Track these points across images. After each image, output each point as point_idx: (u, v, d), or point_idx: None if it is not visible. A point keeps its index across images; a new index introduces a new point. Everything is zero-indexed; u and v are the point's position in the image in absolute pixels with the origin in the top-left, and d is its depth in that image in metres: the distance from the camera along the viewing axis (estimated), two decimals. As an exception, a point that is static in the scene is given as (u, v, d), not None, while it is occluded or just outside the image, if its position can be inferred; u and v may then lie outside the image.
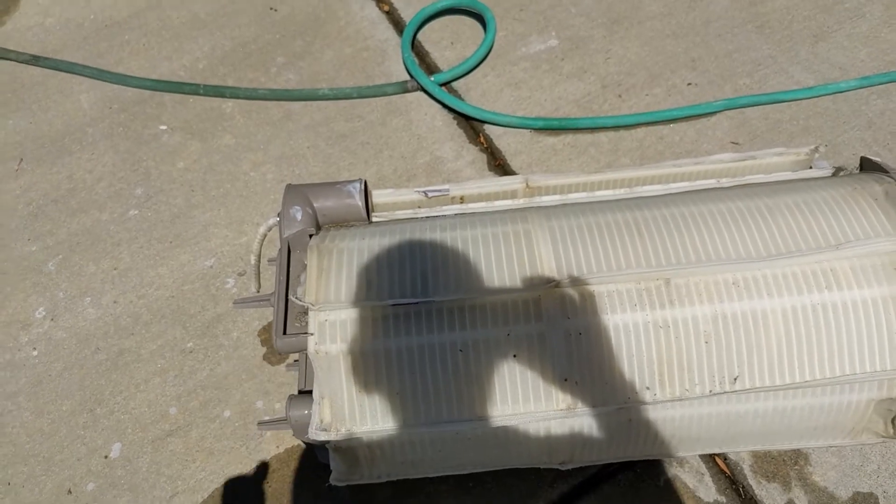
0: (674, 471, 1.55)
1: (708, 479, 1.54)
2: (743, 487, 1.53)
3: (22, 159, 2.30)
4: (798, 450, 1.55)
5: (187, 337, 1.85)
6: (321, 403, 1.20)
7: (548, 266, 1.20)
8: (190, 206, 2.12)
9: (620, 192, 1.52)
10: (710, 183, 1.51)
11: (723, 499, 1.52)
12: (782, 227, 1.21)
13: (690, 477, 1.55)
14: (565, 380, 1.17)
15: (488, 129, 2.19)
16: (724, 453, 1.56)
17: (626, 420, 1.23)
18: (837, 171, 1.48)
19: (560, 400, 1.18)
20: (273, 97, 2.36)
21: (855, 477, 1.52)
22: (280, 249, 1.36)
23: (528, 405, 1.19)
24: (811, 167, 1.52)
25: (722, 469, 1.55)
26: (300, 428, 1.23)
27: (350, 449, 1.25)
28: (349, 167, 2.15)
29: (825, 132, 2.07)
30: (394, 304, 1.19)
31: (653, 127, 2.15)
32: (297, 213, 1.38)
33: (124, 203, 2.15)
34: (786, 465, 1.54)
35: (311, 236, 1.34)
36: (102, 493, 1.63)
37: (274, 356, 1.79)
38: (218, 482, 1.62)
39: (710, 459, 1.56)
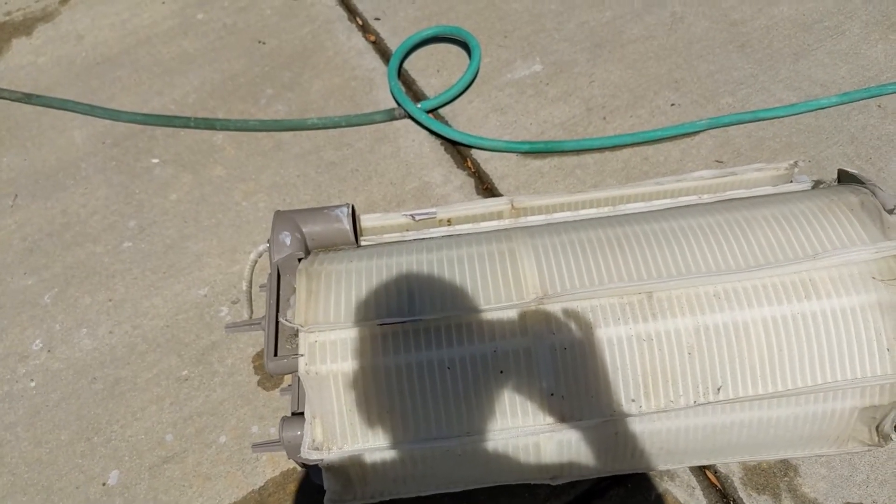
0: (665, 485, 1.57)
1: (699, 492, 1.56)
2: (734, 500, 1.54)
3: (17, 195, 2.33)
4: (787, 461, 1.57)
5: (182, 365, 1.87)
6: (313, 423, 1.21)
7: (532, 283, 1.23)
8: (183, 237, 2.15)
9: (604, 211, 1.55)
10: (692, 199, 1.54)
11: (715, 512, 1.53)
12: (761, 238, 1.23)
13: (681, 491, 1.56)
14: (552, 394, 1.19)
15: (475, 153, 2.23)
16: (713, 466, 1.57)
17: (614, 433, 1.25)
18: (817, 185, 1.52)
19: (547, 414, 1.20)
20: (263, 128, 2.39)
21: (844, 487, 1.54)
22: (270, 274, 1.38)
23: (517, 420, 1.21)
24: (791, 181, 1.56)
25: (712, 482, 1.57)
26: (293, 448, 1.25)
27: (342, 468, 1.26)
28: (339, 194, 2.18)
29: (808, 148, 2.11)
30: (381, 324, 1.21)
31: (637, 147, 2.19)
32: (287, 239, 1.41)
33: (118, 235, 2.17)
34: (776, 477, 1.56)
35: (300, 260, 1.36)
36: (99, 522, 1.64)
37: (268, 382, 1.81)
38: (214, 508, 1.63)
39: (700, 473, 1.58)
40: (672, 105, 2.27)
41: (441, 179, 2.19)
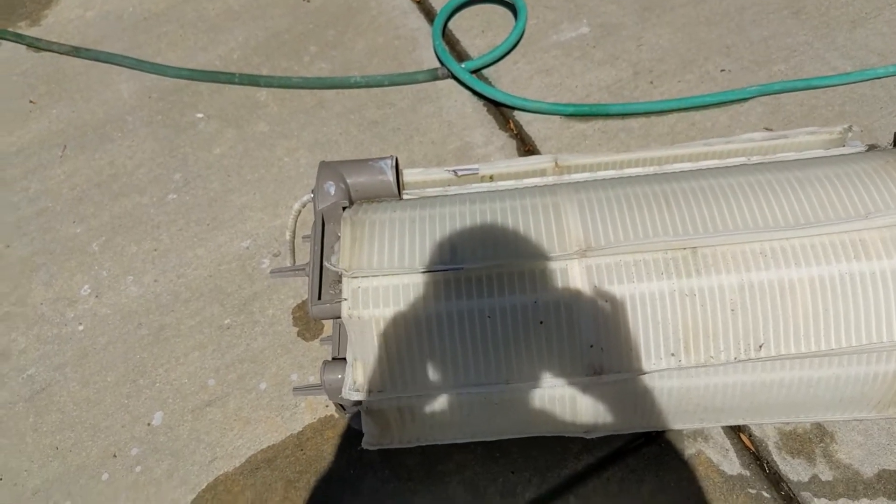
0: (698, 446, 1.57)
1: (732, 454, 1.56)
2: (767, 463, 1.54)
3: (66, 146, 2.38)
4: (824, 428, 1.56)
5: (225, 314, 1.90)
6: (354, 366, 1.24)
7: (575, 235, 1.23)
8: (226, 191, 2.18)
9: (650, 171, 1.54)
10: (741, 161, 1.52)
11: (747, 473, 1.53)
12: (812, 197, 1.22)
13: (715, 452, 1.56)
14: (591, 346, 1.20)
15: (518, 115, 2.22)
16: (748, 430, 1.57)
17: (651, 387, 1.25)
18: (871, 149, 1.49)
19: (585, 366, 1.20)
20: (306, 85, 2.41)
21: (881, 455, 1.52)
22: (315, 222, 1.40)
23: (554, 370, 1.21)
24: (844, 146, 1.53)
25: (746, 445, 1.57)
26: (334, 391, 1.27)
27: (381, 412, 1.29)
28: (380, 153, 2.19)
29: (861, 117, 2.07)
30: (424, 272, 1.23)
31: (685, 113, 2.16)
32: (331, 188, 1.43)
33: (163, 187, 2.21)
34: (811, 443, 1.55)
35: (344, 209, 1.38)
36: (146, 457, 1.69)
37: (308, 332, 1.84)
38: (254, 449, 1.67)
39: (734, 435, 1.58)
40: (722, 71, 2.24)
41: (482, 140, 2.18)
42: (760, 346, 1.18)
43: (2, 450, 1.75)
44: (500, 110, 2.26)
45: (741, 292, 1.18)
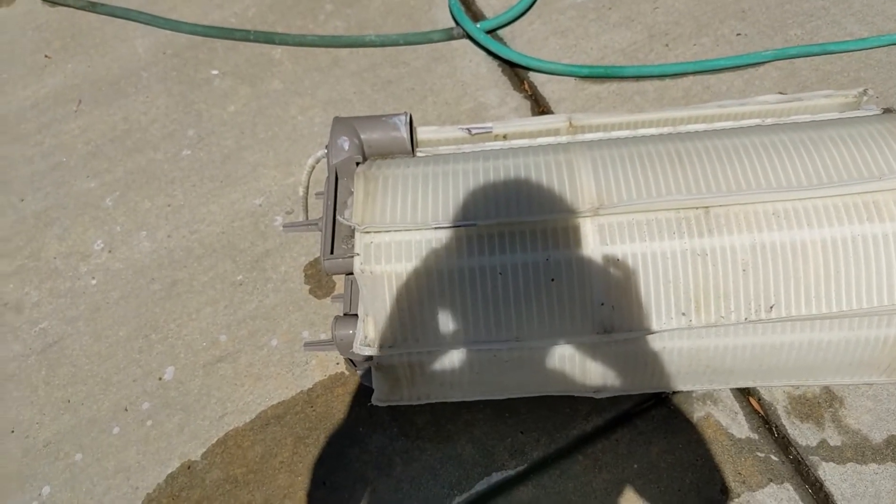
0: (707, 409, 1.58)
1: (741, 417, 1.57)
2: (776, 427, 1.55)
3: (80, 101, 2.38)
4: (833, 392, 1.56)
5: (237, 270, 1.92)
6: (365, 321, 1.25)
7: (588, 193, 1.23)
8: (240, 148, 2.18)
9: (664, 131, 1.53)
10: (755, 122, 1.51)
11: (756, 436, 1.54)
12: (825, 157, 1.21)
13: (724, 415, 1.57)
14: (601, 304, 1.20)
15: (533, 76, 2.21)
16: (757, 393, 1.58)
17: (661, 347, 1.26)
18: (886, 112, 1.47)
19: (595, 323, 1.21)
20: (321, 44, 2.39)
21: (890, 421, 1.53)
22: (328, 177, 1.40)
23: (565, 328, 1.22)
24: (859, 110, 1.51)
25: (755, 409, 1.57)
26: (345, 346, 1.28)
27: (391, 368, 1.30)
28: (394, 112, 2.18)
29: (877, 83, 2.04)
30: (436, 228, 1.23)
31: (700, 76, 2.14)
32: (345, 144, 1.43)
33: (177, 144, 2.22)
34: (820, 408, 1.56)
35: (357, 164, 1.38)
36: (157, 411, 1.71)
37: (320, 290, 1.85)
38: (265, 405, 1.69)
39: (743, 399, 1.58)
40: (738, 35, 2.21)
41: (497, 101, 2.17)
42: (771, 307, 1.18)
43: (14, 402, 1.78)
44: (515, 71, 2.24)
45: (753, 252, 1.18)
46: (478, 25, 2.27)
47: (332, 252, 1.29)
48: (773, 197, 1.18)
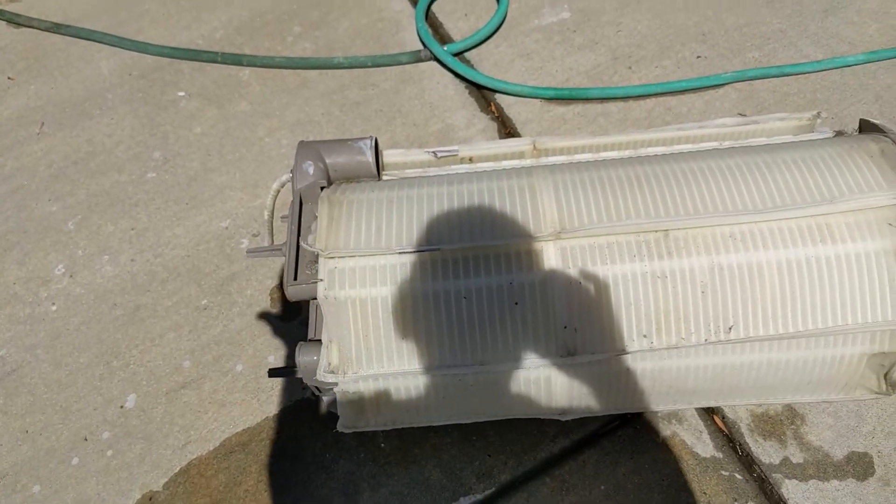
0: (673, 428, 1.59)
1: (706, 436, 1.58)
2: (740, 445, 1.56)
3: (43, 123, 2.36)
4: (795, 410, 1.58)
5: (202, 294, 1.90)
6: (329, 347, 1.24)
7: (550, 217, 1.24)
8: (206, 170, 2.17)
9: (626, 154, 1.55)
10: (713, 145, 1.54)
11: (720, 455, 1.55)
12: (779, 181, 1.24)
13: (689, 434, 1.58)
14: (565, 327, 1.21)
15: (500, 98, 2.23)
16: (721, 412, 1.60)
17: (625, 369, 1.27)
18: (838, 135, 1.51)
19: (560, 346, 1.22)
20: (289, 65, 2.40)
21: (850, 437, 1.55)
22: (292, 201, 1.40)
23: (529, 351, 1.23)
24: (813, 132, 1.55)
25: (720, 427, 1.59)
26: (309, 372, 1.27)
27: (356, 394, 1.29)
28: (362, 134, 2.19)
29: (832, 105, 2.09)
30: (400, 252, 1.23)
31: (662, 98, 2.17)
32: (310, 168, 1.43)
33: (142, 165, 2.20)
34: (782, 425, 1.58)
35: (322, 189, 1.38)
36: (118, 440, 1.68)
37: (286, 313, 1.84)
38: (229, 432, 1.67)
39: (708, 417, 1.60)
40: (698, 57, 2.25)
41: (464, 122, 2.19)
42: (730, 329, 1.20)
43: (-25, 429, 1.75)
44: (482, 93, 2.26)
45: (711, 274, 1.20)
46: (445, 48, 2.29)
47: (295, 278, 1.28)
48: (730, 220, 1.20)
